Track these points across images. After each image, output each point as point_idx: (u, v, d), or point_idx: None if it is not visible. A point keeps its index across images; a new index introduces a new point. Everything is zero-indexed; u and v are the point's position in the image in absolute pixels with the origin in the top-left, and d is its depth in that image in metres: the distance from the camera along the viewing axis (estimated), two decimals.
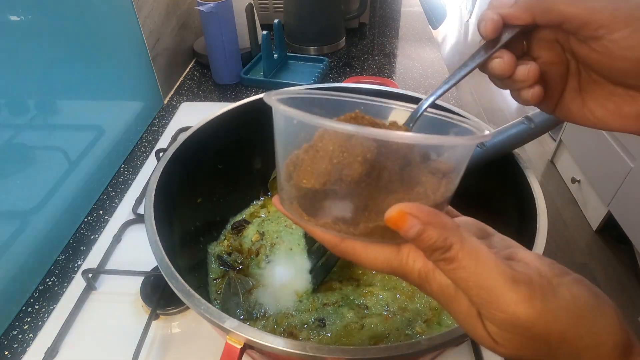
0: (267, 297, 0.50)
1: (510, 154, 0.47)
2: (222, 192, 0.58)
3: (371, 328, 0.46)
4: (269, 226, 0.58)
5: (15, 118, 0.55)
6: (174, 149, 0.49)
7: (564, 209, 1.91)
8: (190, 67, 1.08)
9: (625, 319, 0.23)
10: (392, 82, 0.91)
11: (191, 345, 0.50)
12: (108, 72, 0.74)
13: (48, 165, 0.60)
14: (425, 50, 1.14)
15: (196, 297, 0.34)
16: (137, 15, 0.81)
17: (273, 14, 1.20)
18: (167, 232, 0.43)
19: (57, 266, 0.60)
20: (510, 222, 0.47)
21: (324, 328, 0.46)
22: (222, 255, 0.55)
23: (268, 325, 0.47)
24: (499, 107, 2.61)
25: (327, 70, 1.03)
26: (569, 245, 1.75)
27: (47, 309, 0.54)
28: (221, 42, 0.93)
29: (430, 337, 0.31)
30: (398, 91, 0.59)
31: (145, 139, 0.84)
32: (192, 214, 0.53)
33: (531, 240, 0.38)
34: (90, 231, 0.65)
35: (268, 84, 0.98)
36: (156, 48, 0.89)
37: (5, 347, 0.51)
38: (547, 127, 0.46)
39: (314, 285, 0.51)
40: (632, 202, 1.51)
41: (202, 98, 0.96)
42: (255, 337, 0.31)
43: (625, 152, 1.54)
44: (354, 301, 0.49)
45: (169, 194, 0.46)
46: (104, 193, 0.72)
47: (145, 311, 0.53)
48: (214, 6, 0.87)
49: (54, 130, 0.62)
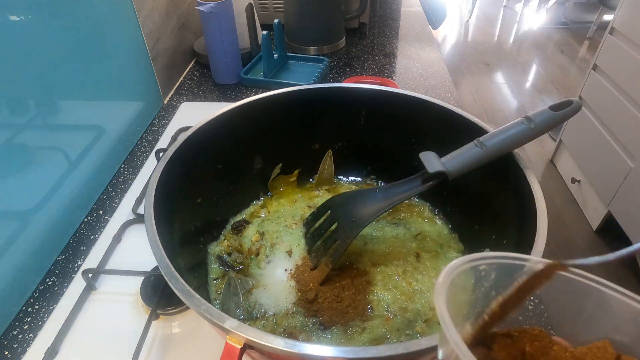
0: (267, 297, 0.50)
1: (510, 154, 0.47)
2: (222, 192, 0.58)
3: (372, 330, 0.46)
4: (269, 226, 0.58)
5: (15, 118, 0.55)
6: (174, 149, 0.49)
7: (564, 209, 1.91)
8: (190, 67, 1.08)
9: None
10: (392, 82, 0.91)
11: (191, 345, 0.50)
12: (108, 72, 0.74)
13: (48, 165, 0.60)
14: (425, 50, 1.14)
15: (196, 297, 0.34)
16: (137, 15, 0.81)
17: (273, 14, 1.20)
18: (167, 232, 0.43)
19: (57, 266, 0.60)
20: (510, 222, 0.47)
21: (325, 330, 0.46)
22: (222, 255, 0.55)
23: (268, 326, 0.47)
24: (499, 108, 2.61)
25: (327, 70, 1.03)
26: (569, 245, 1.75)
27: (47, 309, 0.54)
28: (221, 42, 0.93)
29: (430, 337, 0.31)
30: (398, 91, 0.59)
31: (145, 139, 0.84)
32: (192, 214, 0.53)
33: (531, 240, 0.38)
34: (90, 231, 0.65)
35: (268, 84, 0.98)
36: (156, 48, 0.89)
37: (5, 347, 0.51)
38: (547, 127, 0.46)
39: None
40: (632, 202, 1.51)
41: (202, 98, 0.96)
42: (255, 337, 0.31)
43: (625, 152, 1.54)
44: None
45: (169, 194, 0.46)
46: (104, 193, 0.72)
47: (145, 311, 0.53)
48: (214, 6, 0.87)
49: (54, 130, 0.62)
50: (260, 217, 0.61)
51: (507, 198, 0.49)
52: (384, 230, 0.58)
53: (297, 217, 0.59)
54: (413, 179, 0.50)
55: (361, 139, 0.64)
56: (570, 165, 1.97)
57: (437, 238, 0.57)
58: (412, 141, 0.60)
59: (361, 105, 0.61)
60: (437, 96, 0.94)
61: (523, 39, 3.49)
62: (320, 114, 0.62)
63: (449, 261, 0.53)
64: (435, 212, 0.61)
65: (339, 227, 0.51)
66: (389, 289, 0.50)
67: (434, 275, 0.52)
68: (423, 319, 0.47)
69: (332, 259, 0.50)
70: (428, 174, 0.47)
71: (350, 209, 0.51)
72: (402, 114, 0.59)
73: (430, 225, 0.59)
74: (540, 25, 3.69)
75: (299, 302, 0.49)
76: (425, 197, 0.62)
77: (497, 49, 3.33)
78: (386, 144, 0.63)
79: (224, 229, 0.59)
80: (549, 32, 3.57)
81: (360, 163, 0.66)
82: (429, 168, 0.46)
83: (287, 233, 0.57)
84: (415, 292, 0.50)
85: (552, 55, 3.19)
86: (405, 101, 0.58)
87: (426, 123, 0.57)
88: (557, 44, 3.36)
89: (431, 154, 0.48)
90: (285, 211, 0.61)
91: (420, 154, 0.48)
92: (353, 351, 0.30)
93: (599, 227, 1.76)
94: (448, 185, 0.47)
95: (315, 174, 0.66)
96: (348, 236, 0.49)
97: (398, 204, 0.50)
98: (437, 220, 0.60)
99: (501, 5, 4.11)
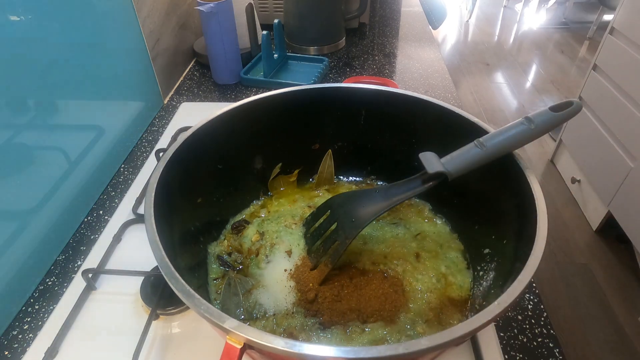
0: (267, 297, 0.50)
1: (510, 154, 0.47)
2: (222, 192, 0.58)
3: (372, 330, 0.46)
4: (268, 226, 0.58)
5: (15, 118, 0.55)
6: (174, 149, 0.49)
7: (564, 209, 1.91)
8: (190, 67, 1.08)
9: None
10: (392, 82, 0.91)
11: (191, 345, 0.50)
12: (108, 72, 0.74)
13: (48, 165, 0.60)
14: (425, 50, 1.14)
15: (196, 297, 0.34)
16: (137, 15, 0.81)
17: (273, 14, 1.20)
18: (167, 232, 0.43)
19: (57, 266, 0.60)
20: (510, 222, 0.47)
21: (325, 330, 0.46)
22: (222, 255, 0.55)
23: (268, 326, 0.47)
24: (499, 108, 2.61)
25: (327, 70, 1.03)
26: (569, 245, 1.75)
27: (47, 309, 0.54)
28: (221, 42, 0.93)
29: (430, 337, 0.31)
30: (398, 91, 0.59)
31: (145, 139, 0.84)
32: (192, 214, 0.53)
33: (531, 240, 0.38)
34: (90, 231, 0.65)
35: (268, 84, 0.98)
36: (156, 48, 0.89)
37: (5, 347, 0.51)
38: (547, 128, 0.46)
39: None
40: (632, 202, 1.51)
41: (202, 98, 0.96)
42: (255, 337, 0.31)
43: (625, 152, 1.54)
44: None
45: (169, 194, 0.46)
46: (104, 193, 0.72)
47: (145, 311, 0.53)
48: (214, 6, 0.87)
49: (54, 130, 0.62)
50: (260, 217, 0.61)
51: (507, 198, 0.49)
52: (383, 230, 0.58)
53: (297, 217, 0.59)
54: (413, 179, 0.50)
55: (361, 139, 0.64)
56: (570, 165, 1.97)
57: (437, 238, 0.57)
58: (412, 141, 0.60)
59: (361, 105, 0.61)
60: (437, 96, 0.94)
61: (523, 39, 3.49)
62: (320, 114, 0.62)
63: (449, 261, 0.54)
64: (435, 212, 0.61)
65: (338, 227, 0.51)
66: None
67: (434, 275, 0.52)
68: (423, 319, 0.47)
69: (332, 259, 0.50)
70: (428, 174, 0.47)
71: (350, 209, 0.51)
72: (402, 114, 0.59)
73: (430, 225, 0.59)
74: (540, 25, 3.69)
75: (298, 302, 0.49)
76: (425, 197, 0.62)
77: (497, 49, 3.33)
78: (386, 144, 0.63)
79: (224, 229, 0.59)
80: (549, 32, 3.57)
81: (360, 163, 0.66)
82: (428, 168, 0.46)
83: (287, 233, 0.57)
84: (416, 292, 0.50)
85: (552, 55, 3.19)
86: (405, 101, 0.58)
87: (426, 123, 0.57)
88: (557, 44, 3.36)
89: (431, 154, 0.48)
90: (285, 211, 0.61)
91: (420, 154, 0.48)
92: (353, 351, 0.30)
93: (599, 227, 1.76)
94: (448, 186, 0.47)
95: (315, 174, 0.66)
96: (348, 236, 0.49)
97: (398, 204, 0.50)
98: (437, 220, 0.60)
99: (501, 5, 4.11)
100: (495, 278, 0.47)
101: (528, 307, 0.54)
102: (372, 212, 0.49)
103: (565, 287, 1.59)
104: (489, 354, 0.47)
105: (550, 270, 1.66)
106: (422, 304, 0.49)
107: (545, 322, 0.52)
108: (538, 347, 0.50)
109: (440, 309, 0.48)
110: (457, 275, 0.52)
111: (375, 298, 0.48)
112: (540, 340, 0.50)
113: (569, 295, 1.56)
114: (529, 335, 0.51)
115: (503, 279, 0.42)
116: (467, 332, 0.32)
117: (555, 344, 0.50)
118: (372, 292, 0.49)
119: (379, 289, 0.49)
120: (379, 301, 0.48)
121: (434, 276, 0.51)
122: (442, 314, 0.48)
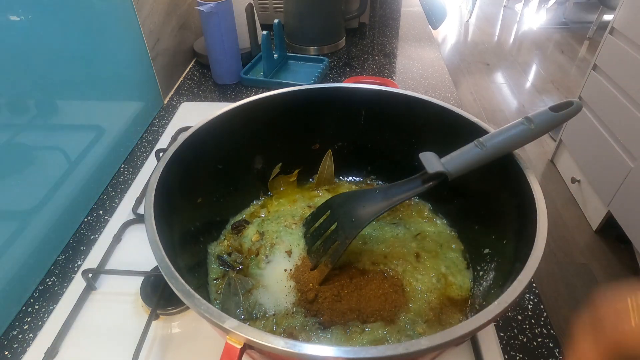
0: (267, 297, 0.50)
1: (510, 154, 0.47)
2: (222, 192, 0.58)
3: (372, 331, 0.46)
4: (268, 226, 0.58)
5: (15, 118, 0.55)
6: (174, 149, 0.49)
7: (564, 209, 1.91)
8: (190, 67, 1.08)
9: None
10: (392, 82, 0.91)
11: (191, 345, 0.50)
12: (108, 72, 0.74)
13: (48, 165, 0.60)
14: (425, 50, 1.14)
15: (196, 297, 0.34)
16: (137, 15, 0.81)
17: (273, 14, 1.20)
18: (167, 232, 0.43)
19: (57, 266, 0.60)
20: (510, 222, 0.47)
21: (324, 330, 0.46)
22: (222, 255, 0.55)
23: (268, 326, 0.47)
24: (499, 108, 2.61)
25: (327, 70, 1.03)
26: (569, 245, 1.75)
27: (47, 309, 0.54)
28: (221, 42, 0.93)
29: (430, 337, 0.31)
30: (398, 91, 0.59)
31: (145, 139, 0.84)
32: (192, 213, 0.53)
33: (531, 240, 0.38)
34: (90, 231, 0.65)
35: (268, 84, 0.98)
36: (156, 48, 0.89)
37: (5, 347, 0.51)
38: (547, 128, 0.46)
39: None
40: (632, 202, 1.51)
41: (202, 98, 0.96)
42: (255, 337, 0.31)
43: (625, 152, 1.54)
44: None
45: (169, 194, 0.46)
46: (104, 193, 0.72)
47: (145, 311, 0.53)
48: (214, 6, 0.87)
49: (54, 130, 0.62)
50: (260, 217, 0.61)
51: (507, 198, 0.49)
52: (383, 230, 0.58)
53: (297, 217, 0.59)
54: (413, 179, 0.50)
55: (361, 139, 0.64)
56: (570, 165, 1.97)
57: (437, 238, 0.57)
58: (412, 141, 0.60)
59: (361, 105, 0.61)
60: (437, 96, 0.94)
61: (523, 39, 3.49)
62: (320, 114, 0.62)
63: (449, 261, 0.54)
64: (435, 212, 0.61)
65: (338, 227, 0.51)
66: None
67: (434, 275, 0.52)
68: (423, 319, 0.47)
69: (332, 259, 0.50)
70: (428, 174, 0.47)
71: (350, 209, 0.51)
72: (402, 114, 0.59)
73: (430, 225, 0.59)
74: (540, 25, 3.69)
75: (298, 302, 0.49)
76: (425, 197, 0.62)
77: (497, 49, 3.33)
78: (386, 144, 0.63)
79: (224, 229, 0.59)
80: (548, 32, 3.57)
81: (360, 163, 0.66)
82: (428, 168, 0.46)
83: (287, 233, 0.57)
84: (416, 292, 0.50)
85: (552, 55, 3.19)
86: (405, 101, 0.58)
87: (426, 123, 0.57)
88: (557, 44, 3.36)
89: (431, 154, 0.48)
90: (285, 211, 0.61)
91: (420, 154, 0.48)
92: (353, 351, 0.30)
93: (599, 227, 1.76)
94: (448, 186, 0.47)
95: (315, 173, 0.66)
96: (347, 236, 0.49)
97: (398, 204, 0.50)
98: (437, 220, 0.60)
99: (501, 5, 4.11)
100: (495, 278, 0.47)
101: (528, 307, 0.54)
102: (372, 212, 0.49)
103: (565, 287, 1.59)
104: (489, 354, 0.47)
105: (550, 270, 1.66)
106: (422, 304, 0.49)
107: (545, 322, 0.52)
108: (538, 347, 0.50)
109: (440, 309, 0.48)
110: (457, 275, 0.52)
111: (375, 298, 0.48)
112: (540, 340, 0.50)
113: (569, 295, 1.56)
114: (529, 335, 0.51)
115: (503, 279, 0.42)
116: (467, 332, 0.32)
117: (555, 344, 0.50)
118: (372, 292, 0.49)
119: (379, 289, 0.49)
120: (379, 301, 0.48)
121: (434, 276, 0.51)
122: (442, 314, 0.48)
